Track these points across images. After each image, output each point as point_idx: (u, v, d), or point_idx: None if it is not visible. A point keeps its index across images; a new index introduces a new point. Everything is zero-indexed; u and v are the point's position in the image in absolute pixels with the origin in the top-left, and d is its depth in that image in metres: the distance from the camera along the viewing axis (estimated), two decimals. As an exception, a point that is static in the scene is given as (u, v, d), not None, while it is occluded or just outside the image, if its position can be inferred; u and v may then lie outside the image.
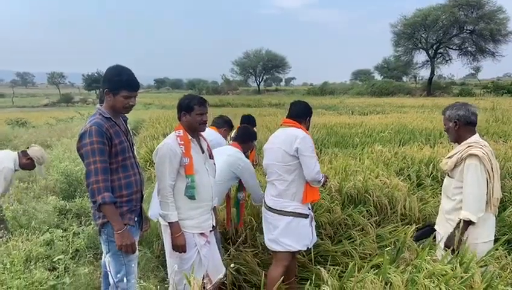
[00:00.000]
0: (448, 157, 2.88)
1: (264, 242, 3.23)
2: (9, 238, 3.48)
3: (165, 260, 2.86)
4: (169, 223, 2.62)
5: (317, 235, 3.31)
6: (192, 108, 2.68)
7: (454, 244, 2.65)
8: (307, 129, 3.12)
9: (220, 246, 3.31)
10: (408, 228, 2.96)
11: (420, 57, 52.38)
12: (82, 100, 51.59)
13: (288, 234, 2.99)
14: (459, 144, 2.84)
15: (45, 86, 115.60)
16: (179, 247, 2.63)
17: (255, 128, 5.46)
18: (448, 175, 2.89)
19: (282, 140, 3.01)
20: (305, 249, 3.11)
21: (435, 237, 2.99)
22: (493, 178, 2.67)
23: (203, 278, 2.71)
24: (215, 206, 2.93)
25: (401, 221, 4.16)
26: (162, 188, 2.61)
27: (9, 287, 2.76)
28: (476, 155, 2.65)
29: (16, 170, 4.02)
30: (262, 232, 3.26)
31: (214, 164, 2.90)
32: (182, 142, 2.63)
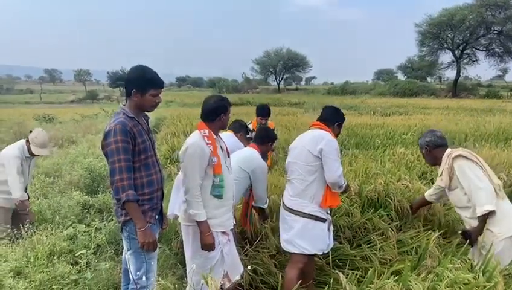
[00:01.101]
0: (440, 176, 3.05)
1: (278, 243, 3.21)
2: (34, 232, 3.57)
3: (184, 257, 2.88)
4: (198, 222, 2.60)
5: (335, 239, 3.27)
6: (227, 109, 2.77)
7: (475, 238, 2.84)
8: (336, 135, 3.12)
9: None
10: (431, 234, 2.90)
11: (445, 57, 51.09)
12: (106, 97, 52.73)
13: (303, 236, 2.97)
14: (439, 165, 3.07)
15: (72, 82, 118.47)
16: (208, 246, 2.63)
17: (270, 121, 5.45)
18: (449, 190, 3.01)
19: (308, 140, 3.03)
20: (321, 253, 3.09)
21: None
22: (485, 168, 2.85)
23: (223, 277, 2.72)
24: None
25: (424, 226, 4.07)
26: (191, 187, 2.59)
27: (33, 281, 2.83)
28: (459, 155, 2.86)
29: (27, 157, 4.07)
30: (274, 234, 3.23)
31: (230, 163, 2.92)
32: (209, 142, 2.65)
